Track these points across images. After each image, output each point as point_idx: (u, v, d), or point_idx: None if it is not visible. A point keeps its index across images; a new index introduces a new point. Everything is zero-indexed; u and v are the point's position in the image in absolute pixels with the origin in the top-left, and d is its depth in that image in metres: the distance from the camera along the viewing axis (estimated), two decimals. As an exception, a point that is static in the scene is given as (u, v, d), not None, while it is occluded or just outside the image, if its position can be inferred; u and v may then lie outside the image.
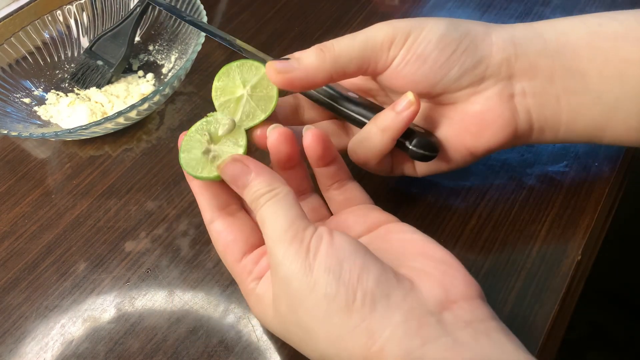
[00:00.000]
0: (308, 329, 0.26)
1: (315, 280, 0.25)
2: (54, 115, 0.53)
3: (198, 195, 0.32)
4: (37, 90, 0.55)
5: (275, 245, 0.27)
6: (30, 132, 0.47)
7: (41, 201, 0.47)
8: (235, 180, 0.30)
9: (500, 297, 0.34)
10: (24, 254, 0.43)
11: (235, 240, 0.31)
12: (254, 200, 0.29)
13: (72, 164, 0.50)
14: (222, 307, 0.37)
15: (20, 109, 0.52)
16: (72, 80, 0.56)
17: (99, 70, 0.55)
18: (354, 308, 0.25)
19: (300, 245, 0.26)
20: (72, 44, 0.58)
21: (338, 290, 0.25)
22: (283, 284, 0.27)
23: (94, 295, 0.39)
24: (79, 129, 0.44)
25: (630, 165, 0.40)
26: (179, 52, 0.56)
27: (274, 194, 0.28)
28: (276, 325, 0.29)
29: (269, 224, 0.28)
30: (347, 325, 0.25)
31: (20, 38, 0.55)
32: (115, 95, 0.54)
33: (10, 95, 0.52)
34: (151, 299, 0.38)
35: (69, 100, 0.53)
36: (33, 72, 0.55)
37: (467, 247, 0.37)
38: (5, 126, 0.47)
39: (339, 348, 0.25)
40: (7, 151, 0.53)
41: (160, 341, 0.36)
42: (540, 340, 0.32)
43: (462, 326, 0.25)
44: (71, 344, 0.37)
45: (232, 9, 0.62)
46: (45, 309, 0.39)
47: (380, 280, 0.26)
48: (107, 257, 0.41)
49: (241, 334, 0.35)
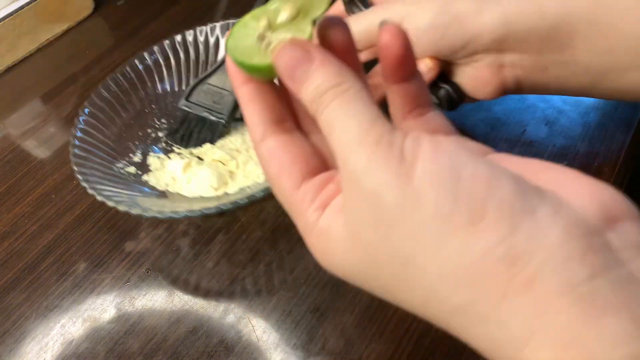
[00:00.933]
0: (407, 259, 0.20)
1: (417, 193, 0.19)
2: (169, 184, 0.43)
3: (246, 107, 0.25)
4: (136, 155, 0.46)
5: (353, 151, 0.20)
6: (163, 209, 0.38)
7: (41, 201, 0.47)
8: (293, 70, 0.22)
9: (500, 297, 0.34)
10: (24, 254, 0.43)
11: (293, 162, 0.24)
12: (317, 98, 0.22)
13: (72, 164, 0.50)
14: (222, 307, 0.37)
15: (132, 183, 0.43)
16: (173, 139, 0.46)
17: (205, 124, 0.46)
18: (483, 227, 0.18)
19: (390, 149, 0.20)
20: (158, 95, 0.50)
21: (456, 205, 0.18)
22: (370, 201, 0.20)
23: (94, 295, 0.39)
24: (237, 202, 0.36)
25: (631, 166, 0.40)
26: None
27: (344, 89, 0.21)
28: (351, 263, 0.23)
29: (340, 125, 0.21)
30: (473, 251, 0.18)
31: (102, 95, 0.47)
32: (235, 149, 0.45)
33: (113, 168, 0.43)
34: (151, 299, 0.38)
35: (181, 163, 0.44)
36: (125, 135, 0.47)
37: (467, 247, 0.37)
38: (135, 206, 0.38)
39: (459, 281, 0.19)
40: (7, 151, 0.53)
41: (160, 341, 0.36)
42: (540, 341, 0.32)
43: (635, 253, 0.18)
44: (71, 344, 0.37)
45: (232, 8, 0.62)
46: (45, 309, 0.39)
47: (517, 191, 0.18)
48: (107, 257, 0.41)
49: (241, 334, 0.35)
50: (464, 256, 0.18)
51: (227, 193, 0.42)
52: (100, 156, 0.43)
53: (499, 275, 0.18)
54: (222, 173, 0.43)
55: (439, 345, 0.33)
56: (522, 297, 0.18)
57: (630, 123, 0.42)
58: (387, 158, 0.19)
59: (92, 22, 0.68)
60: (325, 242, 0.23)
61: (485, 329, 0.19)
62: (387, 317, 0.34)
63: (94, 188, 0.38)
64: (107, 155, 0.44)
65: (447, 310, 0.19)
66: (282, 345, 0.34)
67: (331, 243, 0.23)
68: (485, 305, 0.18)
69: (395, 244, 0.20)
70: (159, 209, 0.37)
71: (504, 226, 0.18)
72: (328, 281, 0.37)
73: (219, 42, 0.50)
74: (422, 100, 0.26)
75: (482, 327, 0.19)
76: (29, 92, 0.60)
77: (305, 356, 0.34)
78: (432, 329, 0.33)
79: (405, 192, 0.19)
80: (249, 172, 0.43)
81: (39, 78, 0.61)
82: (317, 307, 0.36)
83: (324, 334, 0.34)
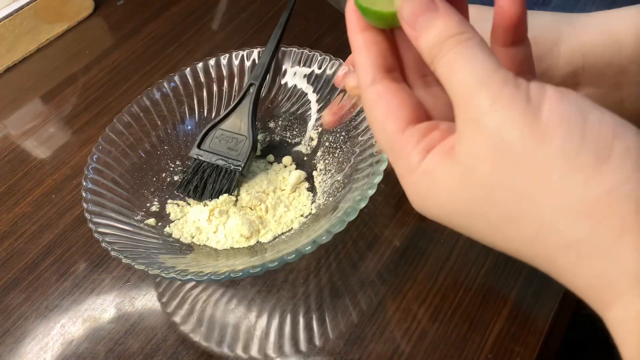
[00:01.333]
0: (526, 195, 0.20)
1: (545, 130, 0.19)
2: (194, 235, 0.40)
3: (361, 52, 0.26)
4: (153, 204, 0.42)
5: (478, 91, 0.20)
6: (198, 271, 0.33)
7: (41, 201, 0.47)
8: (415, 17, 0.23)
9: (500, 297, 0.34)
10: (24, 254, 0.43)
11: (400, 106, 0.25)
12: (437, 44, 0.22)
13: (72, 164, 0.50)
14: (222, 307, 0.37)
15: (154, 237, 0.39)
16: (185, 191, 0.42)
17: (220, 172, 0.42)
18: (611, 166, 0.19)
19: (517, 90, 0.20)
20: (169, 134, 0.45)
21: (583, 144, 0.19)
22: (493, 138, 0.20)
23: (94, 295, 0.39)
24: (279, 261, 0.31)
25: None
26: (316, 127, 0.44)
27: (467, 37, 0.22)
28: (456, 203, 0.23)
29: (464, 68, 0.21)
30: (599, 186, 0.19)
31: (112, 137, 0.42)
32: (263, 191, 0.42)
33: (131, 220, 0.39)
34: (151, 299, 0.38)
35: (205, 211, 0.40)
36: (138, 181, 0.42)
37: (467, 247, 0.37)
38: (168, 272, 0.32)
39: (582, 215, 0.19)
40: (7, 151, 0.53)
41: (160, 341, 0.36)
42: (541, 340, 0.32)
43: None
44: (71, 344, 0.37)
45: (232, 9, 0.62)
46: (45, 309, 0.39)
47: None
48: (107, 257, 0.41)
49: (241, 334, 0.35)
50: (589, 191, 0.19)
51: (260, 242, 0.39)
52: (115, 209, 0.38)
53: (623, 212, 0.18)
54: (252, 219, 0.39)
55: (438, 346, 0.33)
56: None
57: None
58: (513, 98, 0.20)
59: (92, 22, 0.68)
60: (427, 183, 0.23)
61: (597, 263, 0.19)
62: (387, 317, 0.34)
63: (115, 250, 0.34)
64: (123, 207, 0.39)
65: (561, 244, 0.19)
66: (282, 345, 0.34)
67: (434, 184, 0.23)
68: (603, 240, 0.18)
69: (516, 180, 0.20)
70: (185, 269, 0.33)
71: (630, 167, 0.18)
72: (328, 281, 0.37)
73: (233, 76, 0.46)
74: (527, 67, 0.26)
75: (593, 261, 0.19)
76: (28, 92, 0.60)
77: (305, 356, 0.34)
78: (432, 329, 0.33)
79: (532, 129, 0.19)
80: (280, 216, 0.40)
81: (38, 78, 0.61)
82: (317, 307, 0.36)
83: (324, 334, 0.34)
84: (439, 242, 0.37)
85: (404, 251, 0.37)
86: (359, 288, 0.36)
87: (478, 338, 0.33)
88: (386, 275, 0.36)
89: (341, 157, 0.41)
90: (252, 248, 0.38)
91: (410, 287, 0.36)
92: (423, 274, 0.36)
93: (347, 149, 0.41)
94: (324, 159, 0.43)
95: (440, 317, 0.34)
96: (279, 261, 0.31)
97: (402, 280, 0.36)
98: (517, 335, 0.32)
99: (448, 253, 0.37)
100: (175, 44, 0.61)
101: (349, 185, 0.37)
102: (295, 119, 0.46)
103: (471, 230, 0.23)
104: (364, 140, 0.39)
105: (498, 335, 0.32)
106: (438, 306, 0.34)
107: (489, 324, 0.33)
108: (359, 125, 0.40)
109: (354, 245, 0.38)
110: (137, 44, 0.62)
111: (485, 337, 0.33)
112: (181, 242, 0.39)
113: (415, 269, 0.36)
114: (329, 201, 0.39)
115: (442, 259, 0.37)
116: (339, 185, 0.39)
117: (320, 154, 0.43)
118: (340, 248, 0.38)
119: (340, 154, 0.41)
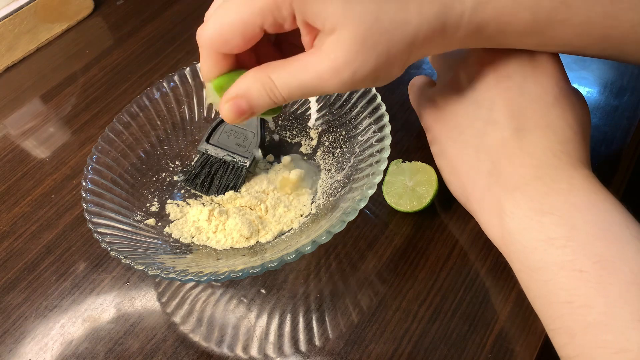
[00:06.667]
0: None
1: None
2: (194, 235, 0.40)
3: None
4: (153, 205, 0.42)
5: None
6: (201, 273, 0.32)
7: (41, 201, 0.47)
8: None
9: (500, 297, 0.34)
10: (24, 254, 0.43)
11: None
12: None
13: (72, 164, 0.50)
14: (222, 307, 0.37)
15: (154, 237, 0.39)
16: (192, 185, 0.43)
17: (227, 168, 0.43)
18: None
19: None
20: (169, 134, 0.45)
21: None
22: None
23: (93, 295, 0.39)
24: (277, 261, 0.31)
25: (631, 166, 0.40)
26: (315, 126, 0.45)
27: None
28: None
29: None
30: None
31: (111, 137, 0.42)
32: (262, 191, 0.42)
33: (130, 221, 0.39)
34: (151, 299, 0.38)
35: (205, 211, 0.40)
36: (137, 181, 0.42)
37: (467, 247, 0.37)
38: (168, 273, 0.32)
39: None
40: (7, 151, 0.53)
41: (160, 341, 0.36)
42: (541, 341, 0.32)
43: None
44: (71, 344, 0.37)
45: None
46: (45, 309, 0.39)
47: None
48: (107, 257, 0.41)
49: (241, 334, 0.35)
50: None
51: (260, 242, 0.39)
52: (115, 210, 0.38)
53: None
54: (252, 220, 0.40)
55: (438, 346, 0.33)
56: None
57: (631, 123, 0.42)
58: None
59: (92, 22, 0.68)
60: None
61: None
62: (387, 317, 0.34)
63: (115, 250, 0.34)
64: (123, 208, 0.39)
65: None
66: (282, 345, 0.34)
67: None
68: None
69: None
70: (185, 269, 0.33)
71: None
72: (328, 281, 0.37)
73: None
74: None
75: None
76: (28, 92, 0.60)
77: (305, 356, 0.34)
78: (432, 329, 0.33)
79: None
80: (280, 216, 0.40)
81: (38, 78, 0.61)
82: (317, 307, 0.36)
83: (324, 334, 0.34)
84: (439, 242, 0.37)
85: (404, 251, 0.37)
86: (359, 288, 0.36)
87: (478, 338, 0.33)
88: (386, 275, 0.36)
89: (341, 157, 0.41)
90: (252, 248, 0.38)
91: (410, 287, 0.36)
92: (423, 274, 0.36)
93: (347, 149, 0.41)
94: (323, 159, 0.43)
95: (440, 317, 0.34)
96: (278, 261, 0.31)
97: (402, 280, 0.36)
98: (517, 335, 0.32)
99: (448, 253, 0.37)
100: (175, 44, 0.61)
101: (349, 185, 0.37)
102: (295, 118, 0.46)
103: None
104: (364, 140, 0.39)
105: (498, 335, 0.32)
106: (438, 306, 0.34)
107: (489, 324, 0.33)
108: (359, 125, 0.40)
109: (354, 245, 0.38)
110: (136, 44, 0.62)
111: (485, 337, 0.33)
112: (181, 242, 0.39)
113: (415, 269, 0.36)
114: (329, 201, 0.39)
115: (442, 259, 0.37)
116: (338, 185, 0.39)
117: (320, 154, 0.44)
118: (340, 248, 0.38)
119: (340, 154, 0.42)
